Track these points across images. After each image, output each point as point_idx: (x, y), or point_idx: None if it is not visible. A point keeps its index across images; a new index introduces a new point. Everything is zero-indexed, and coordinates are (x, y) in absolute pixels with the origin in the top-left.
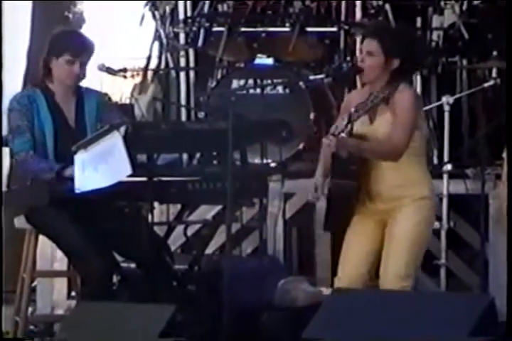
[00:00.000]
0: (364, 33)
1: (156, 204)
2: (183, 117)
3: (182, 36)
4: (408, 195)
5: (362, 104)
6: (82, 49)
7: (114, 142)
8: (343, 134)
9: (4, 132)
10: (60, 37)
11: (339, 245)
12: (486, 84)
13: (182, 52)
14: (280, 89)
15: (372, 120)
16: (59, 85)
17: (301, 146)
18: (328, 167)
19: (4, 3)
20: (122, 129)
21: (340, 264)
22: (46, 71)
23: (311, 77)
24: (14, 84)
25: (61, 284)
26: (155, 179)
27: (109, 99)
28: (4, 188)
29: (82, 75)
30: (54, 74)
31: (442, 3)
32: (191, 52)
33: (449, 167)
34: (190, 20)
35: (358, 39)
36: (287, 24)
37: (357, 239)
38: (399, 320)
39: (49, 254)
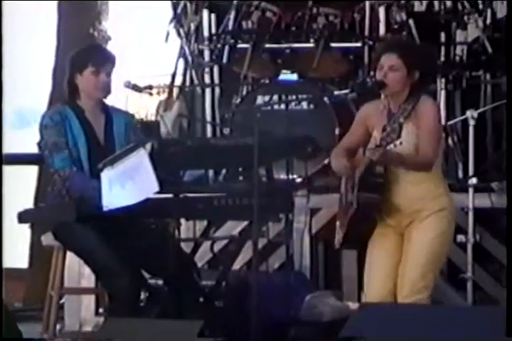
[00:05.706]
0: (383, 48)
1: (182, 220)
2: (209, 134)
3: (207, 53)
4: (428, 208)
5: (393, 117)
6: (103, 58)
7: (141, 159)
8: (390, 146)
9: (26, 148)
10: (79, 53)
11: (365, 259)
12: None
13: (207, 69)
14: (305, 104)
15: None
16: (87, 101)
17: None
18: (352, 179)
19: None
20: (148, 146)
21: (367, 281)
22: (72, 89)
23: (336, 93)
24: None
25: (89, 301)
26: (181, 195)
27: (136, 120)
28: (32, 205)
29: (108, 87)
30: (81, 89)
31: (466, 17)
32: (216, 68)
33: (474, 181)
34: (214, 37)
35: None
36: (311, 40)
37: (380, 253)
38: (424, 333)
39: (77, 271)
